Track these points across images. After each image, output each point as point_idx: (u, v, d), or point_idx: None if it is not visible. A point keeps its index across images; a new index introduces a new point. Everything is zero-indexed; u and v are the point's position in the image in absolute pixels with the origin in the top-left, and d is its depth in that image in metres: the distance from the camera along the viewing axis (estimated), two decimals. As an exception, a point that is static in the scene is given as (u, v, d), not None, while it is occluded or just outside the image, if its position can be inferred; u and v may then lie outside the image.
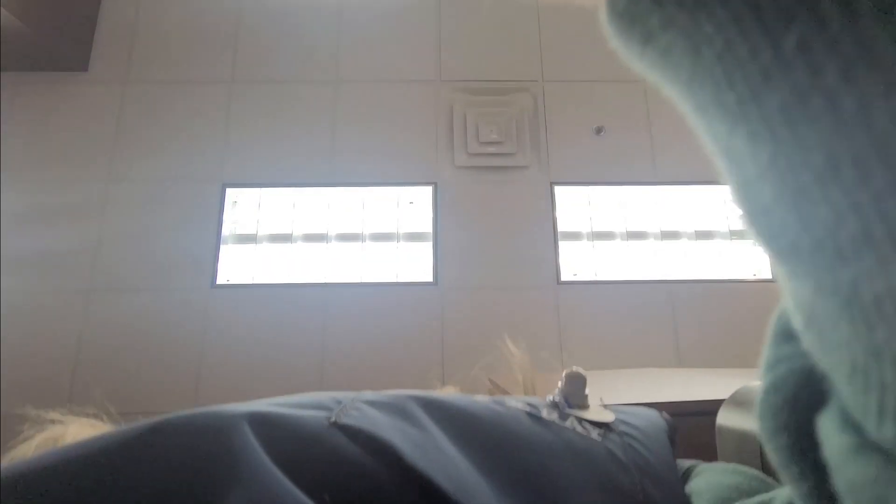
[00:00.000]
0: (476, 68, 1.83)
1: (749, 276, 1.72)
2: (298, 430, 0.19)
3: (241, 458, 0.16)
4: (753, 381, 0.46)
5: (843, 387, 0.09)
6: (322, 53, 1.84)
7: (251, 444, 0.17)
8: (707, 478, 0.26)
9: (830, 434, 0.10)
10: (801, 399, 0.11)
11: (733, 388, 0.53)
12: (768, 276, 1.69)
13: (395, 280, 1.68)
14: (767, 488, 0.24)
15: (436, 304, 1.64)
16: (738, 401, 0.41)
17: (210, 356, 1.57)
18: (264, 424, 0.18)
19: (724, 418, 0.42)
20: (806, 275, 0.09)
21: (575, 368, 0.30)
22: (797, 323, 0.10)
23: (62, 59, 1.73)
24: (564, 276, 1.68)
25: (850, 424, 0.09)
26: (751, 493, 0.24)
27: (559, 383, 0.30)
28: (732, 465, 0.27)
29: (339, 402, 0.21)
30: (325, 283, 1.67)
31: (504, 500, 0.20)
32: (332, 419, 0.20)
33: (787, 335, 0.12)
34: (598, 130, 1.79)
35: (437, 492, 0.18)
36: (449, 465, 0.19)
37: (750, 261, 1.75)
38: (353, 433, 0.19)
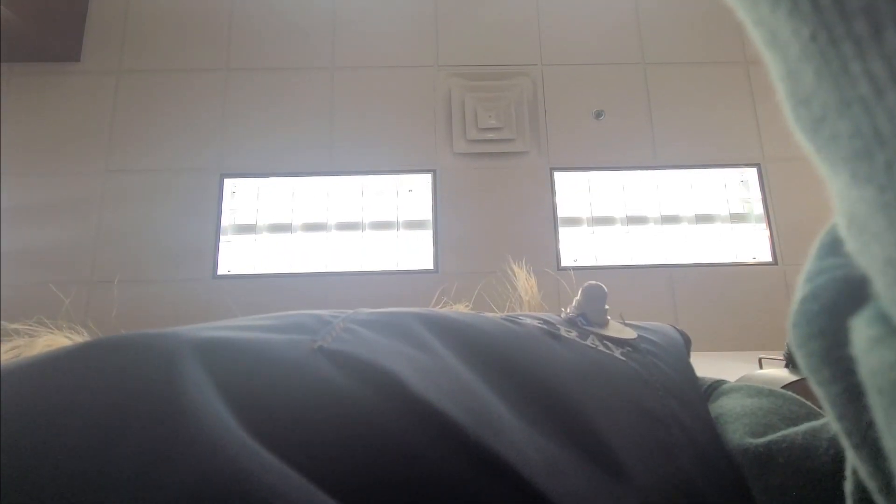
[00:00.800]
0: (474, 53, 1.81)
1: (749, 260, 1.72)
2: (268, 360, 0.15)
3: (188, 408, 0.12)
4: (754, 366, 0.47)
5: (878, 281, 0.09)
6: (317, 39, 1.81)
7: (199, 385, 0.13)
8: (739, 400, 0.24)
9: (860, 329, 0.10)
10: (838, 305, 0.11)
11: (732, 370, 0.53)
12: (768, 259, 1.69)
13: (395, 268, 1.69)
14: (808, 413, 0.23)
15: (436, 292, 1.64)
16: (740, 387, 0.42)
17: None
18: (220, 354, 0.14)
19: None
20: (844, 164, 0.09)
21: (593, 282, 0.27)
22: (841, 226, 0.10)
23: (54, 49, 1.71)
24: (565, 262, 1.68)
25: (881, 319, 0.09)
26: (791, 417, 0.22)
27: (575, 298, 0.27)
28: (767, 388, 0.24)
29: (327, 323, 0.18)
30: (326, 272, 1.67)
31: (528, 431, 0.17)
32: (318, 343, 0.16)
33: (831, 249, 0.12)
34: (598, 115, 1.77)
35: (451, 427, 0.15)
36: (464, 395, 0.17)
37: (749, 244, 1.75)
38: (345, 360, 0.15)
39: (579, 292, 0.27)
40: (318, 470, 0.13)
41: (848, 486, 0.13)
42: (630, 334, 0.26)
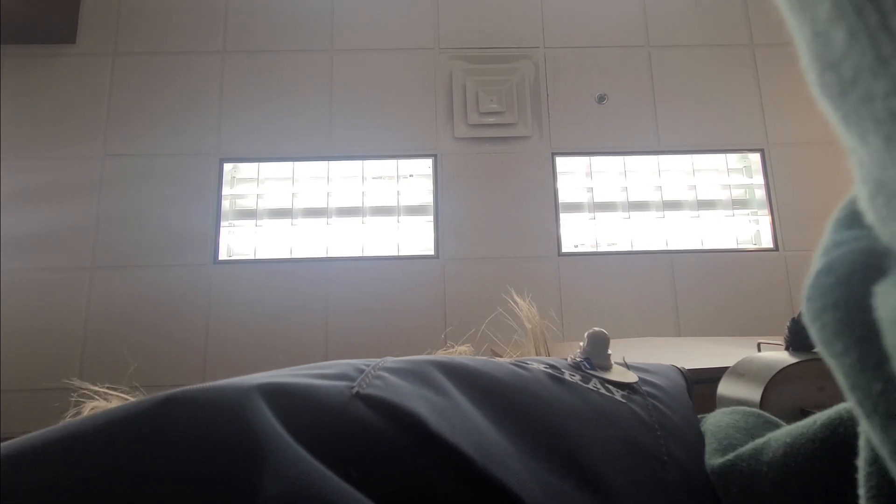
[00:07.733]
0: (475, 35, 1.78)
1: (750, 246, 1.72)
2: (318, 402, 0.18)
3: (262, 437, 0.16)
4: (753, 351, 0.47)
5: None
6: (316, 21, 1.78)
7: (268, 420, 0.16)
8: (710, 421, 0.27)
9: (887, 293, 0.10)
10: (854, 277, 0.11)
11: (732, 356, 0.53)
12: (769, 245, 1.69)
13: (396, 254, 1.69)
14: (765, 423, 0.25)
15: (437, 277, 1.64)
16: (740, 372, 0.42)
17: (217, 331, 1.59)
18: (279, 396, 0.18)
19: (725, 388, 0.43)
20: (877, 127, 0.09)
21: (597, 329, 0.30)
22: (863, 197, 0.10)
23: (49, 30, 1.68)
24: (565, 248, 1.68)
25: None
26: (748, 427, 0.24)
27: (581, 343, 0.29)
28: (730, 408, 0.27)
29: (361, 371, 0.21)
30: (327, 258, 1.67)
31: (530, 465, 0.20)
32: (355, 389, 0.19)
33: (849, 222, 0.12)
34: (601, 99, 1.75)
35: (463, 460, 0.18)
36: (474, 433, 0.19)
37: (751, 231, 1.74)
38: (377, 403, 0.19)
39: (585, 338, 0.30)
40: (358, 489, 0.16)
41: (861, 455, 0.14)
42: (631, 378, 0.28)
